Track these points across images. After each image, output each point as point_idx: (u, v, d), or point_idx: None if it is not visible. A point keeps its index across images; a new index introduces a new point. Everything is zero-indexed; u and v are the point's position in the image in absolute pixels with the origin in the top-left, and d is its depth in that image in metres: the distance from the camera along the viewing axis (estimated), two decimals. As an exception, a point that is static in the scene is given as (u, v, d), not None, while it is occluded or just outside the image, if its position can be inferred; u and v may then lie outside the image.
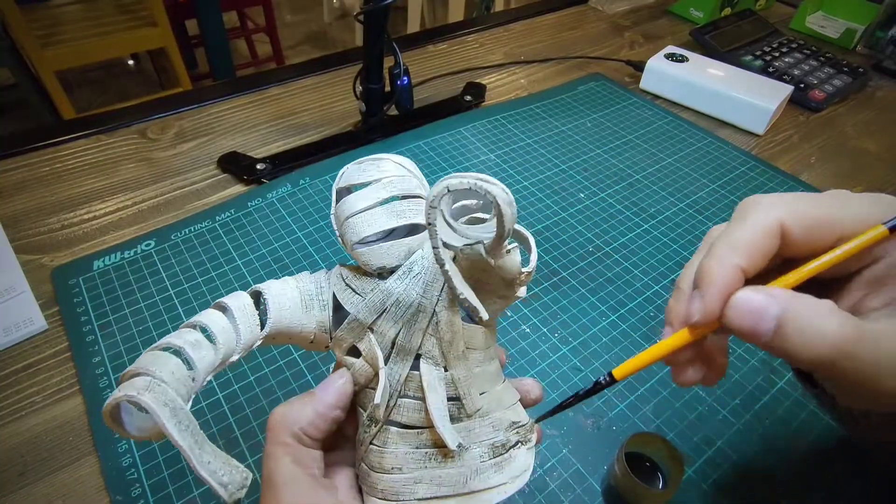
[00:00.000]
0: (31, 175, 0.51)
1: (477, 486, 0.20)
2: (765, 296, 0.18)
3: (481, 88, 0.66)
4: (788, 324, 0.17)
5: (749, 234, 0.19)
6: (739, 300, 0.18)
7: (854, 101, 0.71)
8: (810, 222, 0.19)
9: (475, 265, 0.20)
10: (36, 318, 0.39)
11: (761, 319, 0.17)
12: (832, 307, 0.17)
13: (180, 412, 0.16)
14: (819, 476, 0.33)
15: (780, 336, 0.17)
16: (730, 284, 0.18)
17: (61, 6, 1.45)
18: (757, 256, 0.19)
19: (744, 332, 0.18)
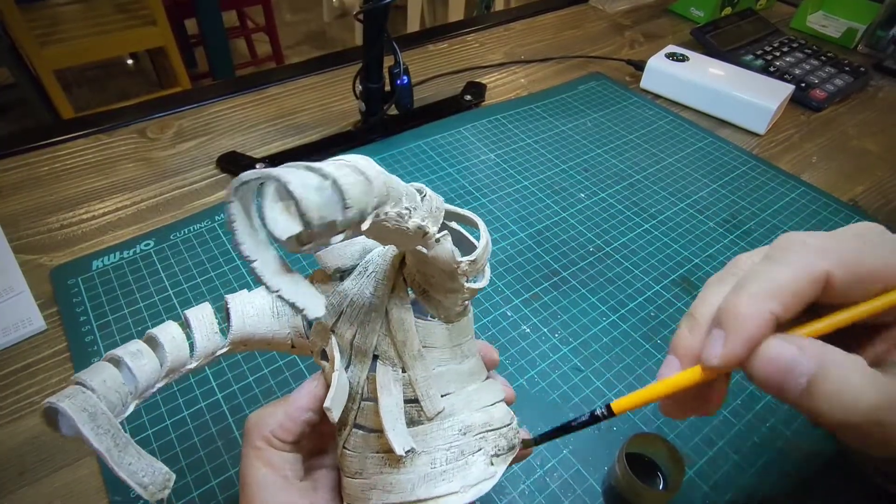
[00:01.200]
0: (30, 175, 0.51)
1: (423, 493, 0.19)
2: (797, 349, 0.16)
3: (481, 88, 0.65)
4: (820, 384, 0.16)
5: (791, 279, 0.17)
6: (768, 352, 0.16)
7: (855, 100, 0.71)
8: (859, 274, 0.17)
9: (417, 257, 0.19)
10: (35, 318, 0.39)
11: (790, 375, 0.16)
12: (864, 367, 0.16)
13: (100, 417, 0.17)
14: (819, 477, 0.33)
15: (810, 395, 0.16)
16: (760, 333, 0.17)
17: (60, 5, 1.45)
18: (795, 304, 0.17)
19: (770, 386, 0.17)
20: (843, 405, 0.15)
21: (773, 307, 0.17)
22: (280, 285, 0.17)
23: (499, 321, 0.40)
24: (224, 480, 0.31)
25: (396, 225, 0.16)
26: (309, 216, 0.14)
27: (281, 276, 0.17)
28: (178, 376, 0.20)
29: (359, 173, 0.15)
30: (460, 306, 0.21)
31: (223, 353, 0.21)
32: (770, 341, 0.17)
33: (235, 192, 0.16)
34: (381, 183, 0.16)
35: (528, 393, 0.36)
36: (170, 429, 0.33)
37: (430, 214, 0.18)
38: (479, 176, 0.53)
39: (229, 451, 0.32)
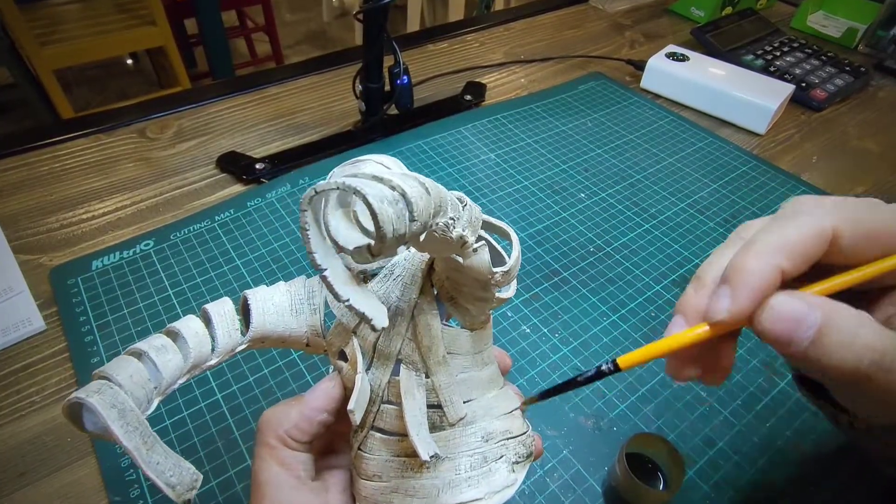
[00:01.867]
0: (30, 175, 0.51)
1: (448, 499, 0.19)
2: (805, 303, 0.16)
3: (481, 88, 0.65)
4: (828, 334, 0.16)
5: (798, 234, 0.17)
6: (778, 304, 0.17)
7: (856, 100, 0.71)
8: (865, 232, 0.17)
9: (451, 265, 0.19)
10: (34, 318, 0.39)
11: (799, 327, 0.16)
12: (871, 319, 0.16)
13: (129, 414, 0.16)
14: (820, 477, 0.33)
15: (818, 346, 0.16)
16: (767, 286, 0.17)
17: (60, 5, 1.45)
18: (802, 260, 0.17)
19: (778, 338, 0.17)
20: (852, 352, 0.16)
21: (780, 261, 0.17)
22: (349, 294, 0.17)
23: (499, 321, 0.40)
24: (224, 480, 0.31)
25: (443, 235, 0.16)
26: (384, 229, 0.14)
27: (349, 285, 0.17)
28: (198, 373, 0.20)
29: (420, 184, 0.15)
30: (486, 315, 0.21)
31: (241, 351, 0.21)
32: (777, 296, 0.17)
33: (310, 202, 0.16)
34: (437, 194, 0.16)
35: (528, 393, 0.36)
36: (170, 429, 0.33)
37: (470, 224, 0.18)
38: (479, 176, 0.53)
39: (229, 451, 0.32)
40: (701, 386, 0.37)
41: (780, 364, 0.39)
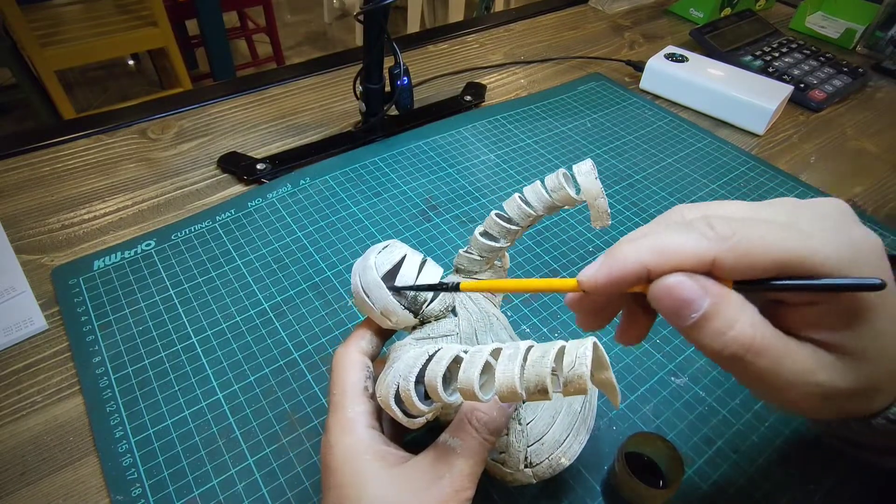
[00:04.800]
0: (32, 175, 0.51)
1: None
2: (700, 287, 0.18)
3: (481, 88, 0.66)
4: (708, 321, 0.18)
5: (678, 249, 0.18)
6: (672, 282, 0.18)
7: (854, 101, 0.71)
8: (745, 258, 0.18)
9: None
10: (36, 318, 0.39)
11: (686, 308, 0.18)
12: (753, 312, 0.18)
13: None
14: (819, 475, 0.33)
15: (696, 328, 0.18)
16: (626, 274, 0.19)
17: (62, 6, 1.45)
18: (670, 268, 0.18)
19: (664, 312, 0.19)
20: (721, 341, 0.18)
21: (649, 262, 0.18)
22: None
23: (498, 321, 0.41)
24: (225, 480, 0.31)
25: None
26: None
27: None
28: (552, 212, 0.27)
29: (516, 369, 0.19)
30: None
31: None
32: (675, 275, 0.18)
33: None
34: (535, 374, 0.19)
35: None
36: (171, 428, 0.33)
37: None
38: (479, 176, 0.53)
39: (230, 450, 0.32)
40: (700, 385, 0.37)
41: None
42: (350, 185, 0.52)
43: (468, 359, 0.20)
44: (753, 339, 0.18)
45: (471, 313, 0.26)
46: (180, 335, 0.38)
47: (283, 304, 0.41)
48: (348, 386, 0.25)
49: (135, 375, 0.36)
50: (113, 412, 0.34)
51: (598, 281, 0.19)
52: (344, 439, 0.23)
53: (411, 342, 0.25)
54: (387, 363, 0.25)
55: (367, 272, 0.24)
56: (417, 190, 0.51)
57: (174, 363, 0.37)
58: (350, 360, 0.26)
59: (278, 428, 0.34)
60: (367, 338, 0.27)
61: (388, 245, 0.26)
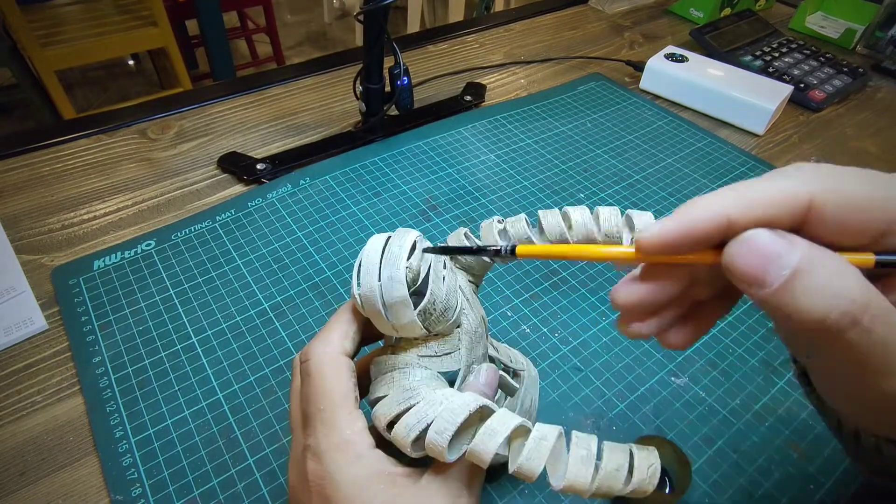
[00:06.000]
0: (32, 175, 0.51)
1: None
2: (786, 240, 0.14)
3: (481, 88, 0.66)
4: (804, 277, 0.14)
5: (762, 192, 0.15)
6: (752, 237, 0.15)
7: (854, 101, 0.71)
8: (853, 204, 0.15)
9: None
10: (36, 318, 0.39)
11: (772, 265, 0.14)
12: (857, 273, 0.14)
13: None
14: (819, 475, 0.33)
15: (787, 289, 0.14)
16: (704, 226, 0.15)
17: (62, 6, 1.45)
18: (758, 219, 0.15)
19: (746, 275, 0.15)
20: (823, 299, 0.14)
21: (730, 211, 0.15)
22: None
23: (499, 321, 0.41)
24: (225, 479, 0.31)
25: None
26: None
27: None
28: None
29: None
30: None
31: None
32: (756, 229, 0.15)
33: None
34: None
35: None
36: (171, 428, 0.33)
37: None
38: (479, 176, 0.53)
39: (230, 450, 0.32)
40: (700, 385, 0.37)
41: (780, 363, 0.39)
42: (350, 185, 0.52)
43: (533, 446, 0.19)
44: (868, 296, 0.14)
45: (470, 322, 0.24)
46: (180, 335, 0.38)
47: (283, 304, 0.41)
48: (339, 398, 0.21)
49: (135, 375, 0.36)
50: (113, 412, 0.34)
51: (668, 234, 0.15)
52: (349, 469, 0.20)
53: (416, 361, 0.22)
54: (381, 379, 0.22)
55: (396, 287, 0.21)
56: (417, 190, 0.51)
57: (174, 363, 0.37)
58: (337, 365, 0.21)
59: (278, 428, 0.34)
60: (350, 335, 0.23)
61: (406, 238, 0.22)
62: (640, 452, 0.19)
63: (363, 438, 0.20)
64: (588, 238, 0.23)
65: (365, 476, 0.20)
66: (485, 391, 0.22)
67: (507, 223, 0.25)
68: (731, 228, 0.15)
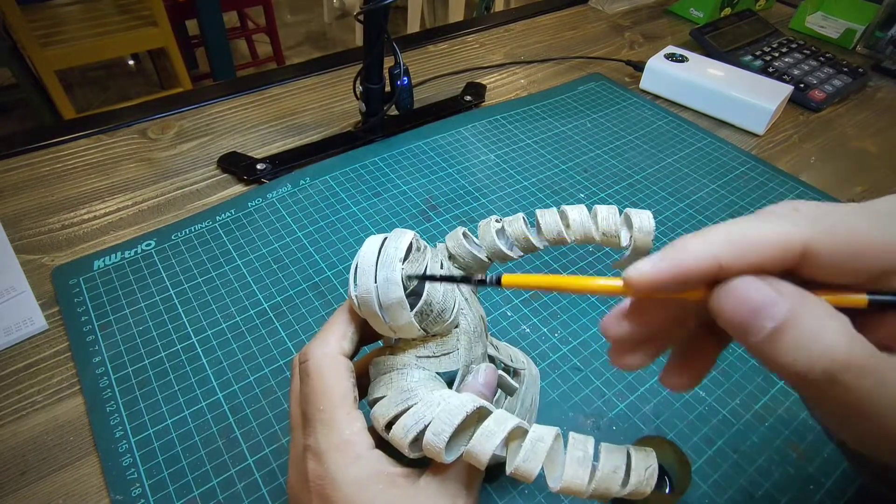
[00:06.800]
0: (32, 175, 0.51)
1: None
2: (774, 291, 0.14)
3: (481, 88, 0.66)
4: (787, 330, 0.14)
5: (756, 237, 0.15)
6: (740, 285, 0.15)
7: (854, 101, 0.71)
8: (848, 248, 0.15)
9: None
10: (36, 317, 0.39)
11: (759, 316, 0.14)
12: (846, 325, 0.14)
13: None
14: (819, 475, 0.33)
15: (773, 341, 0.14)
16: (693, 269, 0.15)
17: (62, 6, 1.45)
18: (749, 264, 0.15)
19: (732, 324, 0.15)
20: (806, 355, 0.14)
21: (722, 254, 0.15)
22: None
23: (499, 321, 0.41)
24: (225, 479, 0.31)
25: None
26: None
27: None
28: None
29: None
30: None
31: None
32: (744, 277, 0.15)
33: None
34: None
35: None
36: (171, 427, 0.33)
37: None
38: (479, 176, 0.53)
39: (230, 450, 0.32)
40: (700, 385, 0.37)
41: (779, 363, 0.39)
42: (350, 185, 0.52)
43: (529, 448, 0.19)
44: (851, 353, 0.14)
45: (469, 322, 0.24)
46: (180, 335, 0.38)
47: (283, 304, 0.41)
48: (338, 398, 0.21)
49: (135, 375, 0.36)
50: (113, 412, 0.34)
51: (657, 275, 0.15)
52: (349, 470, 0.20)
53: (414, 362, 0.22)
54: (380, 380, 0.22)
55: (392, 289, 0.20)
56: (417, 190, 0.51)
57: (174, 363, 0.37)
58: (336, 365, 0.22)
59: (278, 428, 0.34)
60: (349, 336, 0.23)
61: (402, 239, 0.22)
62: (638, 454, 0.19)
63: (363, 439, 0.20)
64: (586, 237, 0.23)
65: (365, 476, 0.20)
66: (483, 391, 0.22)
67: (505, 223, 0.25)
68: (722, 272, 0.15)
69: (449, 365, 0.23)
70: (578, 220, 0.23)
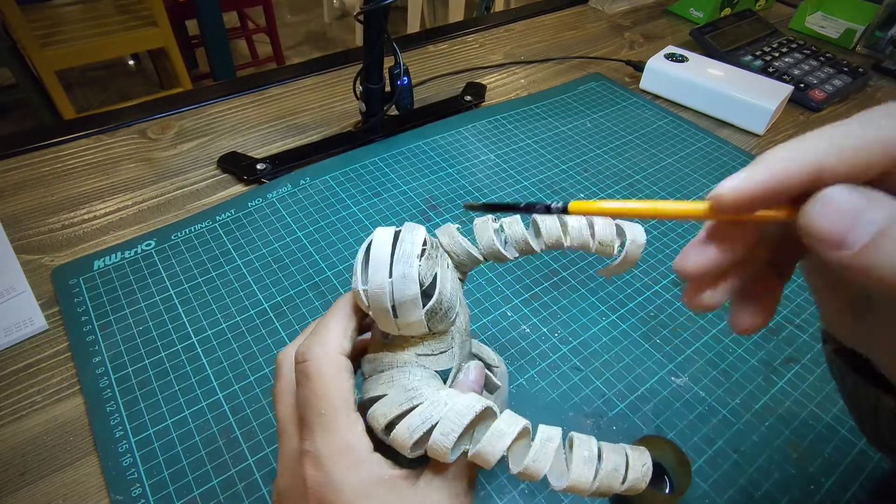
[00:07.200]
0: (32, 175, 0.51)
1: None
2: (868, 198, 0.13)
3: (481, 88, 0.66)
4: (888, 239, 0.13)
5: (859, 142, 0.14)
6: (833, 194, 0.13)
7: (854, 101, 0.71)
8: None
9: None
10: (36, 318, 0.39)
11: (856, 224, 0.13)
12: None
13: None
14: (819, 474, 0.33)
15: (870, 250, 0.13)
16: (791, 176, 0.14)
17: (62, 6, 1.45)
18: (855, 166, 0.14)
19: (827, 236, 0.13)
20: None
21: (821, 158, 0.13)
22: None
23: (499, 321, 0.41)
24: (225, 479, 0.31)
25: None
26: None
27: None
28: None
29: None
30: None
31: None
32: (833, 187, 0.14)
33: None
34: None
35: (527, 392, 0.36)
36: (171, 427, 0.33)
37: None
38: (479, 176, 0.53)
39: (230, 450, 0.32)
40: (700, 385, 0.37)
41: (779, 363, 0.39)
42: (350, 185, 0.52)
43: (539, 447, 0.19)
44: None
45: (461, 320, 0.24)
46: (180, 335, 0.38)
47: (283, 304, 0.41)
48: (339, 401, 0.20)
49: (135, 375, 0.36)
50: (113, 412, 0.34)
51: (753, 187, 0.14)
52: (351, 475, 0.19)
53: (414, 360, 0.22)
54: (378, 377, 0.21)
55: (408, 286, 0.20)
56: (417, 190, 0.51)
57: (174, 363, 0.37)
58: (337, 366, 0.20)
59: (278, 428, 0.34)
60: (349, 333, 0.22)
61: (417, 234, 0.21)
62: (634, 452, 0.20)
63: (364, 443, 0.20)
64: (583, 244, 0.23)
65: (366, 482, 0.19)
66: (474, 388, 0.22)
67: (504, 224, 0.25)
68: (820, 181, 0.14)
69: (445, 363, 0.23)
70: (577, 227, 0.23)
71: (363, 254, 0.21)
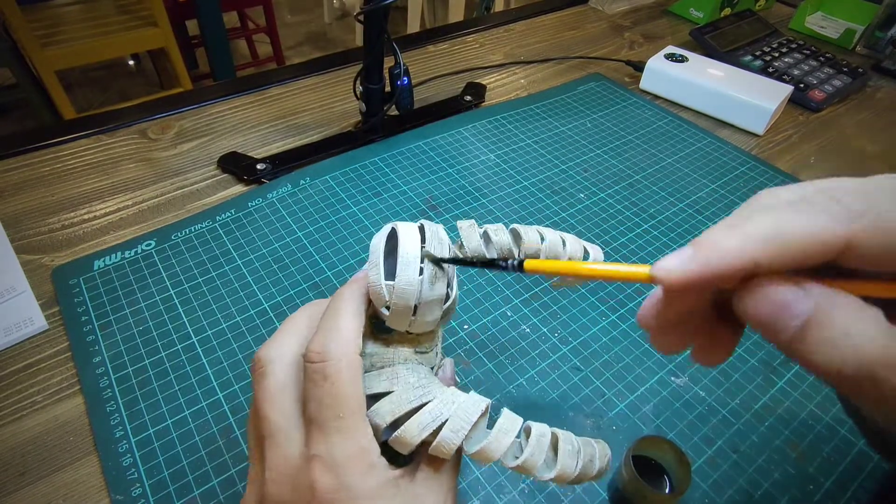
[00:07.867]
0: (32, 175, 0.51)
1: None
2: (798, 289, 0.14)
3: (481, 88, 0.66)
4: (815, 328, 0.14)
5: (796, 236, 0.14)
6: (764, 285, 0.14)
7: (854, 101, 0.71)
8: (890, 245, 0.14)
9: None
10: (36, 317, 0.39)
11: (784, 314, 0.14)
12: (877, 319, 0.13)
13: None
14: (818, 474, 0.33)
15: (802, 339, 0.14)
16: (726, 270, 0.14)
17: (62, 6, 1.45)
18: (785, 263, 0.14)
19: (761, 323, 0.15)
20: (837, 353, 0.13)
21: (759, 255, 0.14)
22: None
23: (499, 321, 0.41)
24: (226, 479, 0.31)
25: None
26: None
27: None
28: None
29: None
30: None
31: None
32: (769, 277, 0.14)
33: None
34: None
35: (527, 392, 0.36)
36: (171, 427, 0.33)
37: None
38: (479, 176, 0.53)
39: (230, 450, 0.32)
40: (700, 385, 0.37)
41: (779, 363, 0.39)
42: (350, 185, 0.52)
43: (535, 443, 0.20)
44: (886, 346, 0.13)
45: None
46: (180, 335, 0.38)
47: (283, 304, 0.41)
48: (356, 405, 0.19)
49: (135, 375, 0.36)
50: (113, 412, 0.34)
51: (687, 275, 0.15)
52: (364, 480, 0.19)
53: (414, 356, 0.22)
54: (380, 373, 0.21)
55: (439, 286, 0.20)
56: (417, 190, 0.51)
57: (174, 363, 0.37)
58: (356, 367, 0.20)
59: (278, 428, 0.34)
60: (362, 331, 0.21)
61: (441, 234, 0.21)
62: (598, 444, 0.22)
63: (374, 446, 0.19)
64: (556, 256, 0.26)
65: (378, 486, 0.19)
66: (451, 383, 0.24)
67: (490, 231, 0.25)
68: (758, 270, 0.14)
69: (433, 360, 0.23)
70: (552, 241, 0.25)
71: (382, 248, 0.20)
